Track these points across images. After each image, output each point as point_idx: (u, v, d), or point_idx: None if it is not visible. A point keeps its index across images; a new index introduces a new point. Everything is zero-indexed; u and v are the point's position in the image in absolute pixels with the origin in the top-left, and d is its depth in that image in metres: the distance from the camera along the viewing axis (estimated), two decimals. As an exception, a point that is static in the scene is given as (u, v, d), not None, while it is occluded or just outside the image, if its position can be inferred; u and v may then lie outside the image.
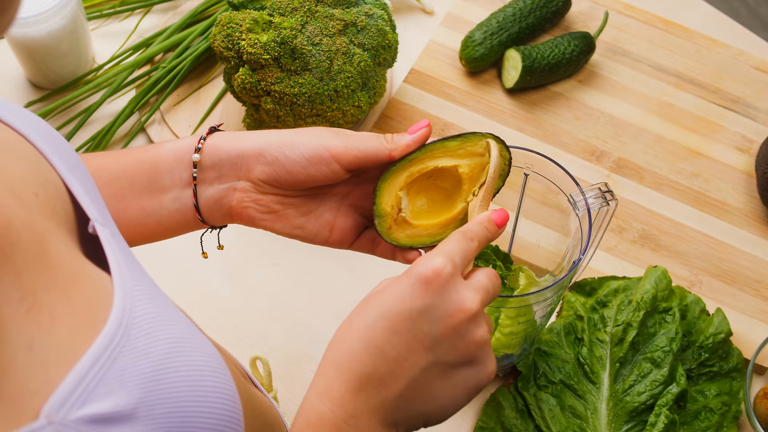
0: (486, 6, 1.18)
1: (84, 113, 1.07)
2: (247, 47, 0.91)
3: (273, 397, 0.85)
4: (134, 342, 0.43)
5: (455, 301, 0.56)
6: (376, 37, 0.95)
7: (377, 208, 0.65)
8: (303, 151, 0.63)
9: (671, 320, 0.88)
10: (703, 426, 0.86)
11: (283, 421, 0.78)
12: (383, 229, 0.65)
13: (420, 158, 0.65)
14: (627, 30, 1.16)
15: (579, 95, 1.11)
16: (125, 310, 0.43)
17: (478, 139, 0.65)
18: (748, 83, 1.12)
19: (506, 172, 0.66)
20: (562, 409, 0.86)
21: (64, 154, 0.51)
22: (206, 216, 0.67)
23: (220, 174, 0.65)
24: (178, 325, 0.46)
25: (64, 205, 0.49)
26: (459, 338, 0.56)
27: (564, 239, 0.83)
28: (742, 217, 1.02)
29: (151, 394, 0.42)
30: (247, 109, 0.99)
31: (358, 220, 0.68)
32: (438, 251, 0.57)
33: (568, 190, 0.77)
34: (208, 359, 0.47)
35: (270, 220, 0.67)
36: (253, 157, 0.64)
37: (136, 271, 0.48)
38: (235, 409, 0.48)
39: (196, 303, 0.96)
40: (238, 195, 0.65)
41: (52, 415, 0.38)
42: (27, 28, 1.01)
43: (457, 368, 0.57)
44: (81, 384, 0.39)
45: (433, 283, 0.55)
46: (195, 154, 0.65)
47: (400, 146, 0.64)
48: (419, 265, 0.56)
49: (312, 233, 0.67)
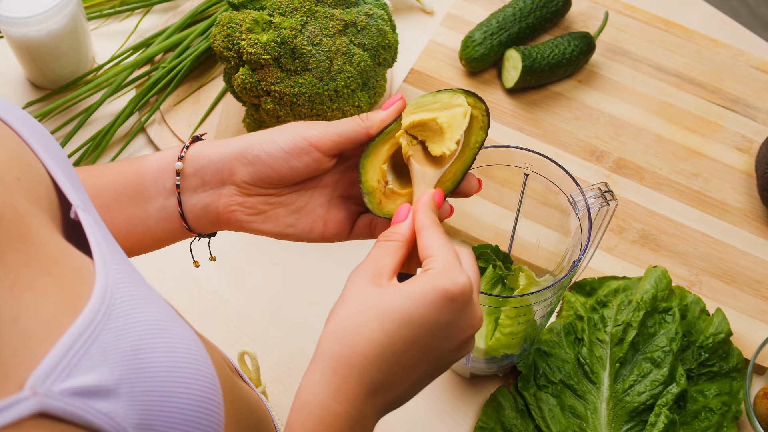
0: (486, 6, 1.18)
1: (84, 113, 1.07)
2: (247, 47, 0.91)
3: (261, 392, 0.85)
4: (115, 321, 0.43)
5: (470, 318, 0.58)
6: (376, 37, 0.95)
7: (364, 185, 0.64)
8: (282, 145, 0.64)
9: (671, 320, 0.88)
10: (703, 426, 0.86)
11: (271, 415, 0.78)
12: (374, 204, 0.65)
13: (397, 129, 0.65)
14: (627, 30, 1.16)
15: (579, 95, 1.11)
16: (107, 290, 0.44)
17: (451, 94, 0.65)
18: (748, 83, 1.12)
19: (486, 123, 0.65)
20: (562, 409, 0.86)
21: (47, 144, 0.52)
22: (193, 224, 0.67)
23: (203, 181, 0.65)
24: (158, 308, 0.47)
25: (48, 191, 0.49)
26: (462, 348, 0.59)
27: (564, 239, 0.83)
28: (742, 217, 1.02)
29: (132, 372, 0.43)
30: (247, 109, 0.99)
31: (351, 208, 0.68)
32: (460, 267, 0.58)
33: (568, 190, 0.77)
34: (186, 342, 0.47)
35: (259, 221, 0.66)
36: (235, 160, 0.65)
37: (117, 256, 0.48)
38: (214, 392, 0.48)
39: (196, 303, 0.96)
40: (224, 200, 0.65)
41: (36, 386, 0.38)
42: (27, 28, 1.01)
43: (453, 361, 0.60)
44: (65, 358, 0.40)
45: (457, 300, 0.57)
46: (178, 162, 0.65)
47: (375, 122, 0.65)
48: (445, 278, 0.57)
49: (305, 230, 0.67)
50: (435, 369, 0.60)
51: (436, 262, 0.58)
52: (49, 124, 1.09)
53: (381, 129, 0.65)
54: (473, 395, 0.91)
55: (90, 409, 0.40)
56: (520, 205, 0.85)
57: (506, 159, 0.79)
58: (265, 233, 0.67)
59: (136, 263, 0.78)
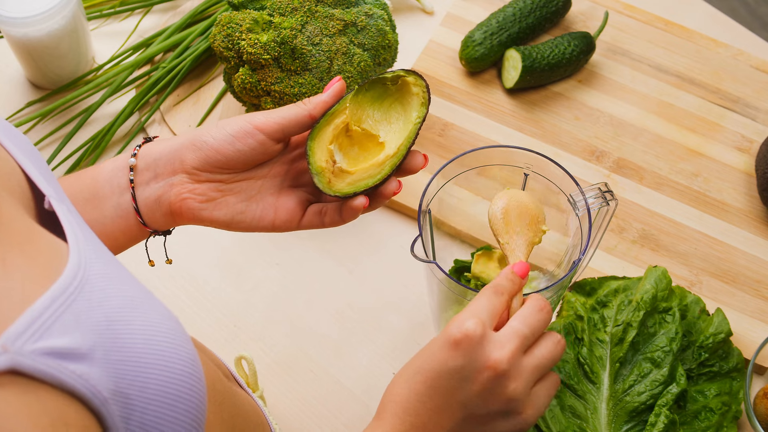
0: (486, 6, 1.18)
1: (84, 113, 1.07)
2: (247, 47, 0.91)
3: (259, 397, 0.85)
4: (89, 294, 0.44)
5: (483, 361, 0.61)
6: (376, 37, 0.95)
7: (312, 166, 0.66)
8: (228, 130, 0.66)
9: (671, 320, 0.88)
10: (703, 426, 0.86)
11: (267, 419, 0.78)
12: (324, 184, 0.66)
13: (341, 110, 0.67)
14: (627, 30, 1.16)
15: (579, 95, 1.11)
16: (80, 266, 0.45)
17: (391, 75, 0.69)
18: (748, 83, 1.12)
19: (427, 99, 0.69)
20: (562, 409, 0.86)
21: (16, 139, 0.53)
22: (148, 219, 0.68)
23: (155, 173, 0.67)
24: (133, 287, 0.48)
25: (19, 182, 0.50)
26: (489, 393, 0.61)
27: (564, 239, 0.83)
28: (742, 217, 1.02)
29: (107, 340, 0.43)
30: (247, 109, 0.99)
31: (302, 197, 0.70)
32: (468, 312, 0.63)
33: (568, 190, 0.77)
34: (163, 318, 0.48)
35: (210, 209, 0.67)
36: (184, 148, 0.67)
37: (92, 240, 0.49)
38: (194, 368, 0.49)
39: (196, 303, 0.96)
40: (176, 189, 0.67)
41: (7, 345, 0.39)
42: (27, 28, 1.01)
43: (493, 418, 0.63)
44: (37, 321, 0.40)
45: (462, 344, 0.61)
46: (131, 159, 0.67)
47: (317, 105, 0.67)
48: (452, 326, 0.62)
49: (255, 218, 0.69)
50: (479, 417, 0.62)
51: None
52: (49, 124, 1.09)
53: (323, 111, 0.67)
54: (473, 395, 0.91)
55: (63, 369, 0.40)
56: (520, 205, 0.85)
57: (506, 159, 0.79)
58: (216, 222, 0.68)
59: (137, 263, 0.78)
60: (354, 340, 0.94)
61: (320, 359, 0.93)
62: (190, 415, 0.48)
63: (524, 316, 0.63)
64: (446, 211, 0.86)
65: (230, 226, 0.68)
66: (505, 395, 0.61)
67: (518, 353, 0.62)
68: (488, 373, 0.61)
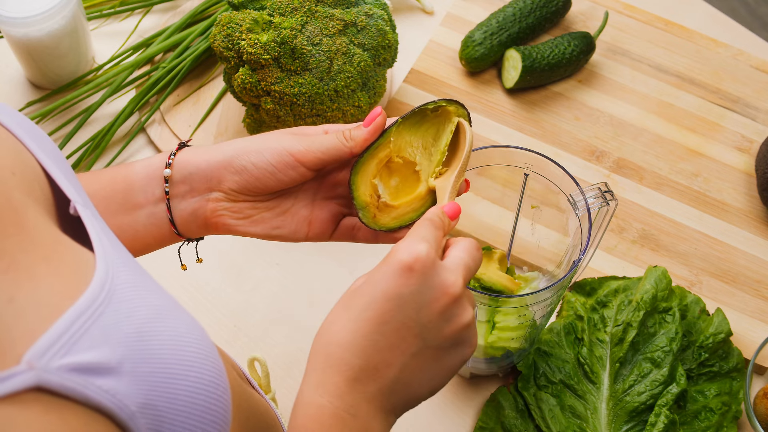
0: (486, 6, 1.18)
1: (84, 113, 1.07)
2: (247, 47, 0.91)
3: (271, 399, 0.85)
4: (117, 305, 0.43)
5: (438, 285, 0.57)
6: (376, 37, 0.95)
7: (357, 201, 0.66)
8: (268, 158, 0.66)
9: (671, 320, 0.88)
10: (703, 426, 0.86)
11: (280, 422, 0.78)
12: (369, 219, 0.67)
13: (384, 144, 0.67)
14: (627, 30, 1.16)
15: (579, 95, 1.11)
16: (108, 276, 0.44)
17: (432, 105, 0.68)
18: (748, 83, 1.12)
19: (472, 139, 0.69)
20: (562, 409, 0.86)
21: (43, 144, 0.52)
22: (182, 229, 0.68)
23: (191, 187, 0.67)
24: (160, 296, 0.47)
25: (43, 188, 0.49)
26: (445, 322, 0.58)
27: (564, 239, 0.83)
28: (742, 217, 1.02)
29: (136, 353, 0.43)
30: (247, 109, 0.99)
31: (334, 209, 0.70)
32: (415, 237, 0.58)
33: (568, 190, 0.77)
34: (190, 328, 0.48)
35: (246, 224, 0.68)
36: (223, 168, 0.66)
37: (118, 247, 0.49)
38: (221, 378, 0.48)
39: (196, 303, 0.96)
40: (212, 205, 0.67)
41: (33, 361, 0.38)
42: (27, 28, 1.01)
43: (446, 350, 0.59)
44: (64, 336, 0.40)
45: (415, 269, 0.56)
46: (166, 170, 0.67)
47: (358, 142, 0.66)
48: (399, 252, 0.57)
49: (291, 231, 0.69)
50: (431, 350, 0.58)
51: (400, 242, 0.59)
52: (49, 124, 1.09)
53: (365, 148, 0.67)
54: (473, 395, 0.91)
55: (90, 385, 0.40)
56: (520, 205, 0.85)
57: (506, 159, 0.79)
58: (252, 235, 0.69)
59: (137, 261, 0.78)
60: (354, 340, 0.94)
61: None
62: (217, 426, 0.47)
63: (466, 248, 0.60)
64: (446, 211, 0.86)
65: (267, 238, 0.69)
66: (462, 323, 0.58)
67: (468, 277, 0.59)
68: (446, 298, 0.57)
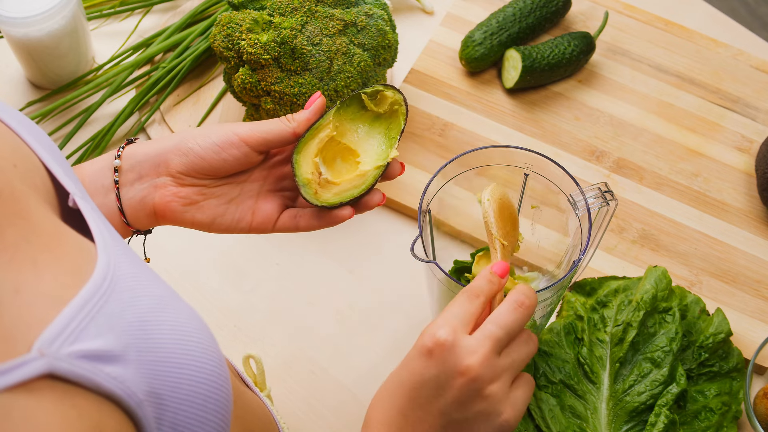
0: (486, 6, 1.18)
1: (84, 113, 1.07)
2: (247, 47, 0.91)
3: (266, 396, 0.85)
4: (119, 294, 0.44)
5: (455, 367, 0.61)
6: (376, 37, 0.95)
7: (299, 178, 0.69)
8: (214, 139, 0.68)
9: (671, 320, 0.88)
10: (703, 426, 0.86)
11: (275, 419, 0.78)
12: (311, 195, 0.69)
13: (325, 125, 0.71)
14: (627, 30, 1.16)
15: (579, 95, 1.11)
16: (109, 266, 0.45)
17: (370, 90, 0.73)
18: (748, 83, 1.12)
19: (405, 111, 0.72)
20: (562, 409, 0.86)
21: (40, 138, 0.53)
22: (131, 219, 0.69)
23: (140, 175, 0.69)
24: (160, 286, 0.49)
25: (43, 181, 0.50)
26: (465, 398, 0.62)
27: (564, 239, 0.83)
28: (742, 217, 1.02)
29: (140, 341, 0.43)
30: (247, 109, 0.99)
31: (279, 201, 0.72)
32: (441, 319, 0.63)
33: (568, 190, 0.77)
34: (190, 318, 0.49)
35: (193, 211, 0.70)
36: (170, 152, 0.69)
37: (117, 239, 0.49)
38: (222, 367, 0.49)
39: (197, 303, 0.96)
40: (160, 191, 0.69)
41: (44, 348, 0.39)
42: (27, 28, 1.01)
43: (473, 421, 0.63)
44: (71, 324, 0.40)
45: (434, 353, 0.61)
46: (116, 160, 0.68)
47: (301, 122, 0.70)
48: (424, 336, 0.63)
49: (235, 219, 0.71)
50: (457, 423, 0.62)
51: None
52: (49, 124, 1.09)
53: (307, 128, 0.70)
54: (473, 395, 0.91)
55: (99, 372, 0.40)
56: (520, 205, 0.85)
57: (506, 159, 0.79)
58: (197, 224, 0.70)
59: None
60: (354, 340, 0.94)
61: (320, 359, 0.93)
62: (218, 415, 0.48)
63: (498, 317, 0.63)
64: (446, 211, 0.86)
65: (210, 227, 0.71)
66: (482, 398, 0.62)
67: (491, 356, 0.62)
68: (461, 379, 0.61)
